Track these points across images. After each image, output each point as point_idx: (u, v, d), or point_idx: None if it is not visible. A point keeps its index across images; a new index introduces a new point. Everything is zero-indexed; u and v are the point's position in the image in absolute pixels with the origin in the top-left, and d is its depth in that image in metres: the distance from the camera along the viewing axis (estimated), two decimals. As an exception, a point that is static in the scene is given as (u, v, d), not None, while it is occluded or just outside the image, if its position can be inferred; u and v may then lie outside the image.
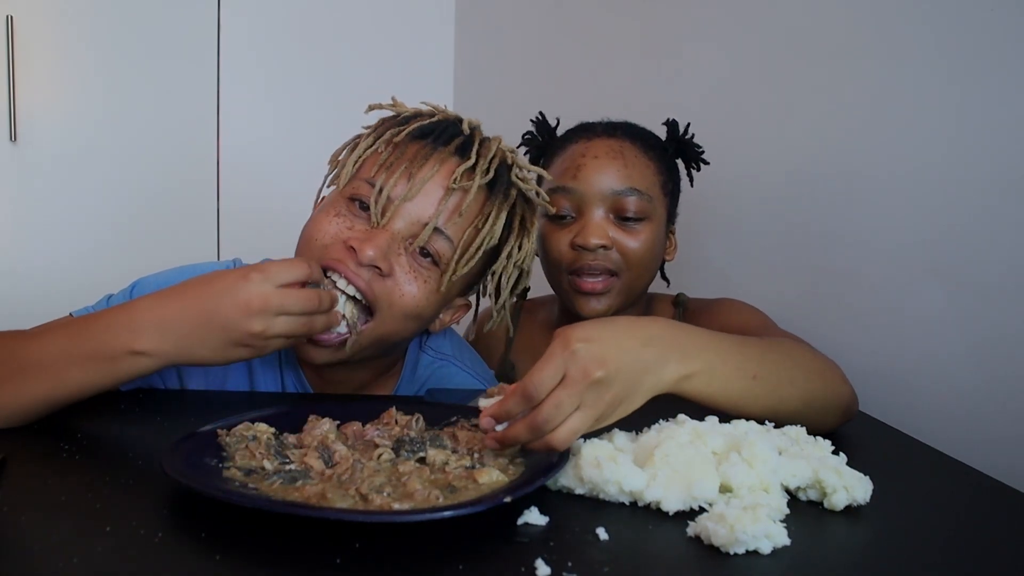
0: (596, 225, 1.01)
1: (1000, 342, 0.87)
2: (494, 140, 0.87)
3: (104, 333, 0.72)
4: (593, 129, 1.08)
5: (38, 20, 1.79)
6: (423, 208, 0.81)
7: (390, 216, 0.80)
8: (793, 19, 1.21)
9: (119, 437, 0.76)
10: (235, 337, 0.71)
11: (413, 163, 0.81)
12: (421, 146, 0.83)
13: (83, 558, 0.48)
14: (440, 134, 0.84)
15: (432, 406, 0.77)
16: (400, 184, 0.81)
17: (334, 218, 0.82)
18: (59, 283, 1.82)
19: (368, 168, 0.83)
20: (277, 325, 0.71)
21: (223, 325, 0.71)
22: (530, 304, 1.23)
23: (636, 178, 1.02)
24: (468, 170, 0.82)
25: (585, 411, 0.60)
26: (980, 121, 0.90)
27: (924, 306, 0.96)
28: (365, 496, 0.55)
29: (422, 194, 0.81)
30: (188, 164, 1.95)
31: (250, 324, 0.71)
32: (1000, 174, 0.88)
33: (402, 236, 0.81)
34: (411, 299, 0.81)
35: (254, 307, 0.70)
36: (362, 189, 0.82)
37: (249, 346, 0.72)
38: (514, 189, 0.86)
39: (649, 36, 1.54)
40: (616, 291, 1.03)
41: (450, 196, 0.81)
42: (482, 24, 2.12)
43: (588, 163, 1.03)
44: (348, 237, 0.80)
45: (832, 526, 0.58)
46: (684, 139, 1.13)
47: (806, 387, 0.76)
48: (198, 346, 0.72)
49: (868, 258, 1.05)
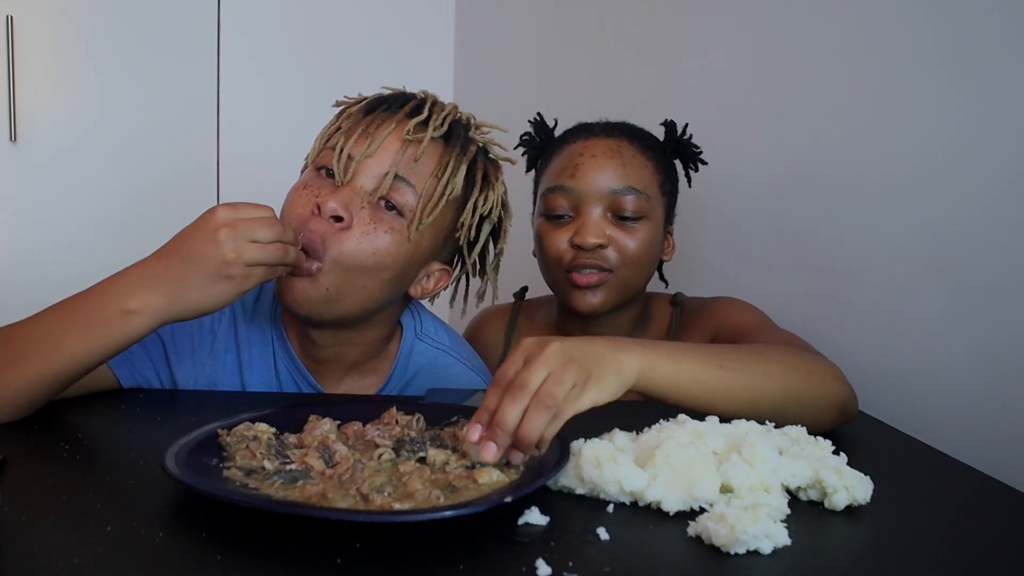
0: (594, 224, 1.01)
1: (1000, 342, 0.87)
2: (450, 104, 0.93)
3: (95, 300, 0.75)
4: (591, 129, 1.08)
5: (38, 20, 1.79)
6: (383, 162, 0.85)
7: (352, 172, 0.85)
8: (793, 19, 1.21)
9: (119, 437, 0.76)
10: (213, 267, 0.73)
11: (369, 126, 0.86)
12: (378, 114, 0.88)
13: (83, 558, 0.48)
14: (394, 102, 0.90)
15: (432, 406, 0.77)
16: (359, 144, 0.85)
17: (303, 190, 0.86)
18: (59, 283, 1.82)
19: (332, 139, 0.89)
20: (250, 251, 0.73)
21: (201, 259, 0.73)
22: (529, 305, 1.23)
23: (634, 177, 1.02)
24: (422, 124, 0.87)
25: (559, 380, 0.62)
26: (980, 121, 0.90)
27: (924, 306, 0.96)
28: (366, 496, 0.55)
29: (381, 150, 0.85)
30: (188, 164, 1.95)
31: (223, 250, 0.73)
32: (1000, 174, 0.88)
33: (366, 191, 0.85)
34: (369, 248, 0.83)
35: (222, 233, 0.73)
36: (326, 157, 0.87)
37: (230, 277, 0.74)
38: (473, 145, 0.91)
39: (649, 36, 1.54)
40: (610, 286, 1.03)
41: (407, 148, 0.86)
42: (482, 24, 2.12)
43: (586, 162, 1.03)
44: (315, 201, 0.84)
45: (832, 526, 0.58)
46: (682, 139, 1.13)
47: (785, 381, 0.76)
48: (184, 288, 0.74)
49: (868, 258, 1.05)
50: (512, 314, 1.22)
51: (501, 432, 0.59)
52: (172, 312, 0.75)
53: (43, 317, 0.77)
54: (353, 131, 0.86)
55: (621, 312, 1.08)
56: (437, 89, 0.98)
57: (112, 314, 0.74)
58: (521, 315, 1.22)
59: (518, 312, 1.22)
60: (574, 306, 1.04)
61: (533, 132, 1.18)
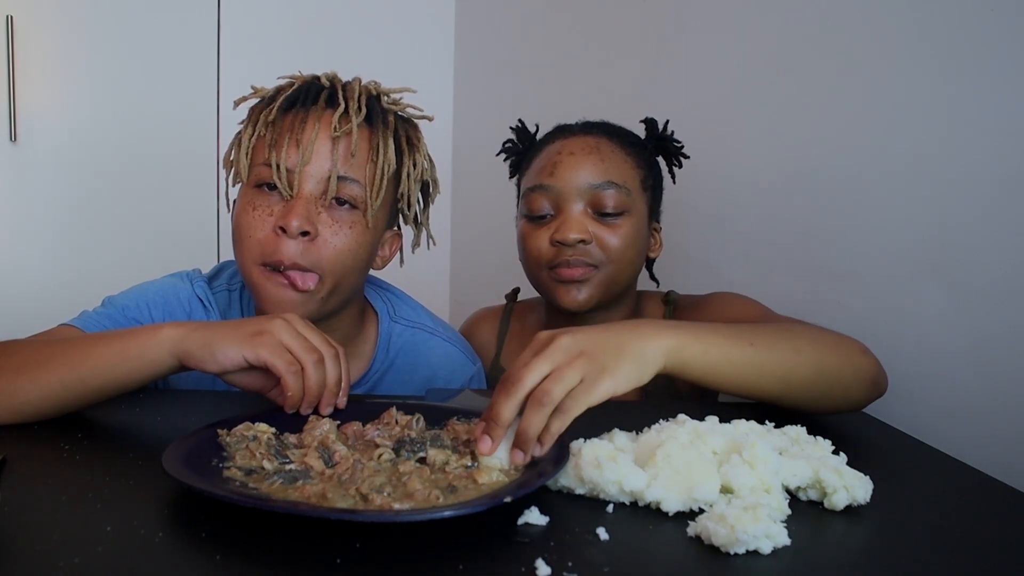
0: (575, 220, 1.01)
1: (1000, 342, 0.87)
2: (354, 81, 0.94)
3: (133, 329, 0.78)
4: (570, 129, 1.09)
5: (38, 20, 1.80)
6: (321, 165, 0.87)
7: (297, 184, 0.86)
8: (793, 19, 1.21)
9: (119, 437, 0.76)
10: (251, 327, 0.74)
11: (294, 131, 0.87)
12: (294, 114, 0.89)
13: (83, 558, 0.48)
14: (305, 96, 0.90)
15: (433, 407, 0.77)
16: (292, 153, 0.86)
17: (252, 211, 0.87)
18: (59, 283, 1.82)
19: (260, 154, 0.89)
20: (290, 336, 0.73)
21: (239, 324, 0.75)
22: (520, 307, 1.23)
23: (613, 172, 1.02)
24: (343, 115, 0.88)
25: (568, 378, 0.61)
26: (980, 120, 0.90)
27: (924, 306, 0.96)
28: (365, 496, 0.55)
29: (315, 154, 0.87)
30: (188, 164, 1.95)
31: (260, 324, 0.74)
32: (1000, 174, 0.88)
33: (315, 197, 0.87)
34: (344, 248, 0.88)
35: (265, 324, 0.74)
36: (263, 173, 0.87)
37: (257, 333, 0.73)
38: (391, 115, 0.92)
39: (648, 36, 1.54)
40: (597, 281, 1.03)
41: (339, 144, 0.87)
42: (482, 24, 2.12)
43: (564, 159, 1.03)
44: (275, 222, 0.86)
45: (832, 526, 0.58)
46: (664, 135, 1.13)
47: (815, 356, 0.76)
48: (208, 329, 0.75)
49: (868, 258, 1.05)
50: (504, 316, 1.22)
51: (495, 426, 0.60)
52: (184, 344, 0.74)
53: (78, 337, 0.80)
54: (280, 141, 0.87)
55: (611, 311, 1.08)
56: (437, 89, 0.99)
57: (142, 331, 0.76)
58: (513, 317, 1.22)
59: (510, 314, 1.22)
60: (560, 303, 1.03)
61: (515, 138, 1.19)
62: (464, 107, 2.15)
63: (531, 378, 0.61)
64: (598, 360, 0.62)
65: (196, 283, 0.99)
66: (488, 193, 2.00)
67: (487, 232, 2.02)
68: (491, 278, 1.95)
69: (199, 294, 0.98)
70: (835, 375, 0.77)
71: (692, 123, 1.13)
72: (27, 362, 0.75)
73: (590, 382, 0.61)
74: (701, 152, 1.19)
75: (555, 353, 0.62)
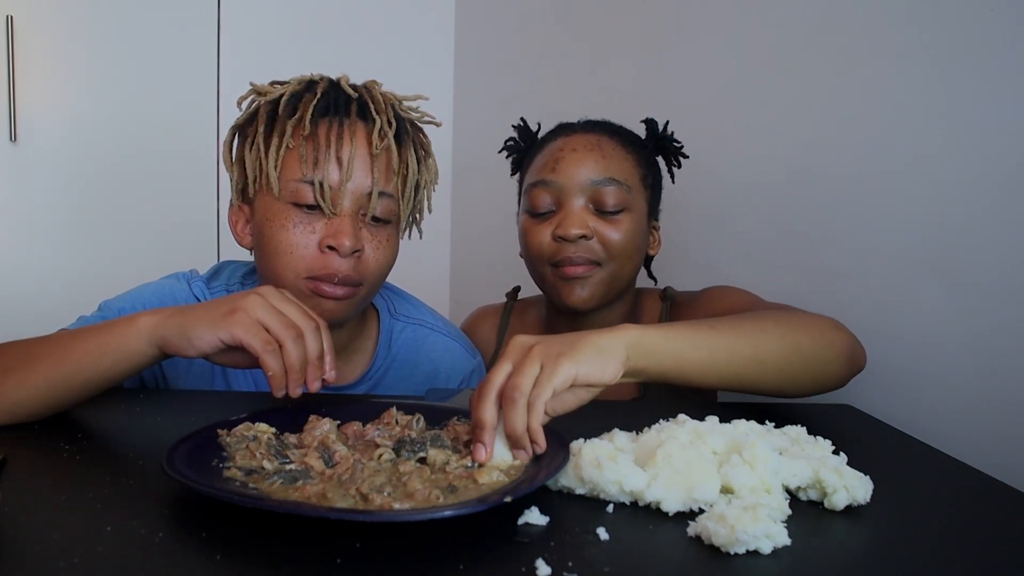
0: (576, 215, 1.02)
1: (1000, 341, 0.87)
2: (374, 90, 0.93)
3: (114, 321, 0.76)
4: (571, 127, 1.10)
5: (38, 20, 1.80)
6: (362, 182, 0.88)
7: (341, 202, 0.87)
8: (792, 18, 1.21)
9: (119, 437, 0.76)
10: (224, 306, 0.72)
11: (331, 146, 0.87)
12: (327, 126, 0.88)
13: (83, 558, 0.48)
14: (336, 106, 0.89)
15: (433, 407, 0.77)
16: (333, 171, 0.86)
17: (293, 228, 0.87)
18: (59, 283, 1.82)
19: (294, 169, 0.87)
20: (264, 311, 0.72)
21: (212, 304, 0.74)
22: (521, 305, 1.24)
23: (614, 169, 1.03)
24: (379, 131, 0.89)
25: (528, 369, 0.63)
26: (980, 120, 0.90)
27: (924, 306, 0.96)
28: (365, 496, 0.55)
29: (355, 171, 0.87)
30: (188, 164, 1.95)
31: (244, 300, 0.72)
32: (1000, 174, 0.88)
33: (354, 212, 0.88)
34: (385, 262, 0.91)
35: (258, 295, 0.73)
36: (302, 192, 0.87)
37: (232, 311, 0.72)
38: (407, 123, 0.94)
39: (648, 36, 1.54)
40: (599, 279, 1.03)
41: (376, 160, 0.88)
42: (482, 24, 2.12)
43: (566, 156, 1.04)
44: (320, 239, 0.87)
45: (832, 526, 0.58)
46: (663, 135, 1.14)
47: (784, 334, 0.77)
48: (183, 315, 0.73)
49: (868, 258, 1.05)
50: (504, 313, 1.23)
51: (481, 431, 0.61)
52: (164, 328, 0.73)
53: (62, 333, 0.79)
54: (319, 157, 0.86)
55: (610, 308, 1.08)
56: (437, 89, 0.99)
57: (120, 323, 0.75)
58: (513, 315, 1.23)
59: (510, 312, 1.23)
60: (563, 301, 1.04)
61: (517, 136, 1.20)
62: (464, 107, 2.15)
63: (497, 377, 0.63)
64: (554, 348, 0.64)
65: (194, 283, 0.99)
66: (488, 193, 2.00)
67: (487, 232, 2.02)
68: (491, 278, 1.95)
69: (197, 294, 0.97)
70: (808, 351, 0.78)
71: (691, 123, 1.13)
72: (13, 364, 0.75)
73: (550, 368, 0.62)
74: (700, 151, 1.19)
75: (512, 352, 0.64)
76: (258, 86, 0.93)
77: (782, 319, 0.80)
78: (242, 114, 0.93)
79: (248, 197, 0.92)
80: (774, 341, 0.76)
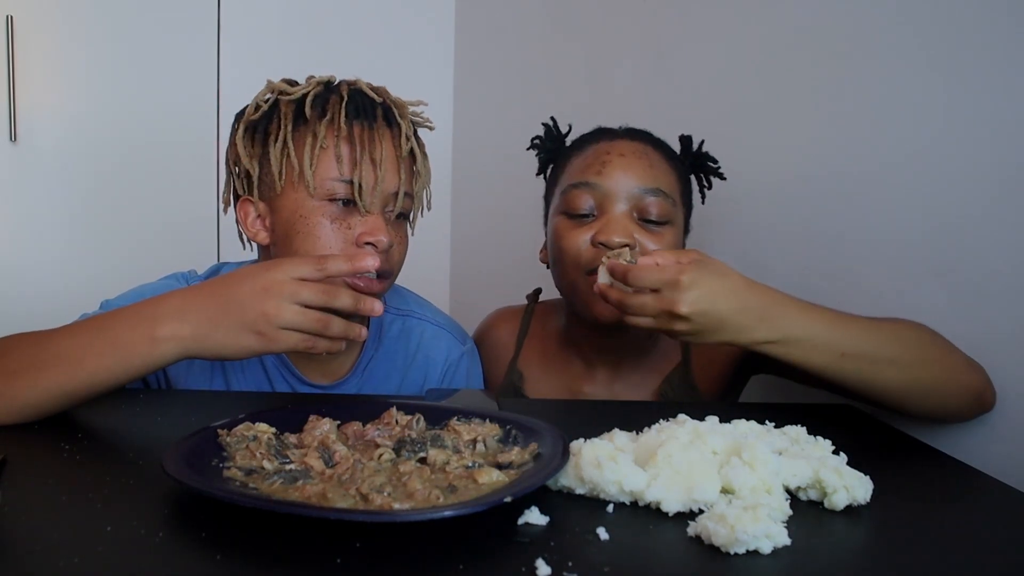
0: (620, 222, 0.96)
1: (1000, 342, 0.87)
2: (392, 97, 0.97)
3: (127, 321, 0.75)
4: (614, 132, 1.06)
5: (38, 20, 1.79)
6: (391, 183, 0.93)
7: (375, 201, 0.91)
8: (792, 20, 1.21)
9: (119, 437, 0.76)
10: (248, 318, 0.73)
11: (365, 147, 0.91)
12: (360, 128, 0.92)
13: (83, 558, 0.48)
14: (365, 110, 0.93)
15: (433, 407, 0.77)
16: (368, 171, 0.90)
17: (329, 224, 0.90)
18: (59, 283, 1.82)
19: (328, 167, 0.90)
20: (288, 312, 0.73)
21: (239, 305, 0.74)
22: (541, 308, 1.19)
23: (661, 179, 1.00)
24: (404, 136, 0.94)
25: (656, 322, 0.77)
26: (981, 120, 0.90)
27: (924, 306, 0.96)
28: (365, 496, 0.55)
29: (388, 173, 0.92)
30: (188, 164, 1.95)
31: (263, 304, 0.73)
32: (1000, 174, 0.88)
33: (380, 210, 0.93)
34: (405, 255, 0.98)
35: (269, 290, 0.74)
36: (338, 189, 0.90)
37: (261, 333, 0.73)
38: (413, 127, 0.98)
39: (649, 38, 1.54)
40: None
41: (404, 163, 0.93)
42: (482, 24, 2.12)
43: (614, 160, 0.99)
44: (358, 235, 0.90)
45: (832, 526, 0.58)
46: (700, 152, 1.11)
47: (911, 372, 0.82)
48: (214, 328, 0.74)
49: (868, 258, 1.05)
50: (524, 316, 1.18)
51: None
52: (194, 349, 0.75)
53: (73, 330, 0.77)
54: (356, 158, 0.90)
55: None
56: (437, 89, 1.00)
57: (139, 338, 0.74)
58: (534, 318, 1.18)
59: (531, 315, 1.18)
60: (594, 314, 0.97)
61: (544, 136, 1.15)
62: (464, 107, 2.15)
63: None
64: (688, 326, 0.77)
65: (192, 284, 0.98)
66: (488, 193, 2.00)
67: (487, 232, 2.02)
68: (491, 278, 1.95)
69: None
70: (927, 389, 0.83)
71: (690, 124, 1.13)
72: (23, 366, 0.74)
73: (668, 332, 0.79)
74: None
75: (669, 289, 0.76)
76: (276, 84, 0.95)
77: (919, 354, 0.83)
78: (255, 111, 0.94)
79: (263, 193, 0.93)
80: (895, 376, 0.82)
